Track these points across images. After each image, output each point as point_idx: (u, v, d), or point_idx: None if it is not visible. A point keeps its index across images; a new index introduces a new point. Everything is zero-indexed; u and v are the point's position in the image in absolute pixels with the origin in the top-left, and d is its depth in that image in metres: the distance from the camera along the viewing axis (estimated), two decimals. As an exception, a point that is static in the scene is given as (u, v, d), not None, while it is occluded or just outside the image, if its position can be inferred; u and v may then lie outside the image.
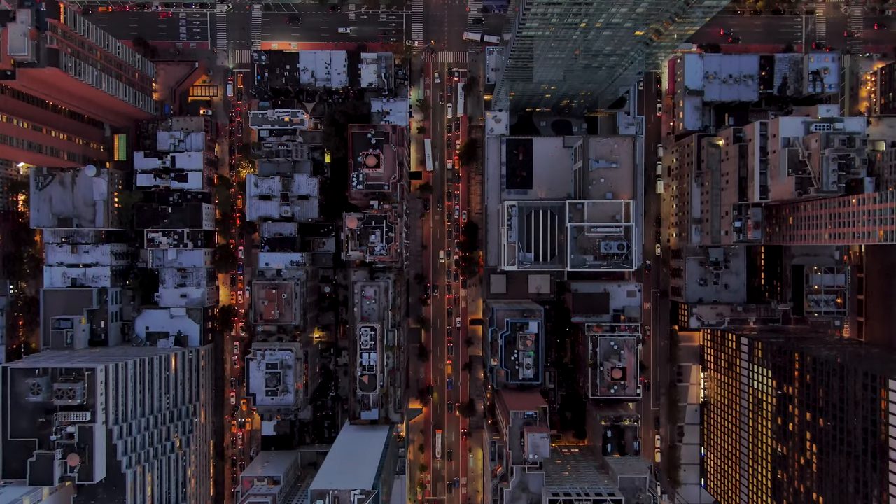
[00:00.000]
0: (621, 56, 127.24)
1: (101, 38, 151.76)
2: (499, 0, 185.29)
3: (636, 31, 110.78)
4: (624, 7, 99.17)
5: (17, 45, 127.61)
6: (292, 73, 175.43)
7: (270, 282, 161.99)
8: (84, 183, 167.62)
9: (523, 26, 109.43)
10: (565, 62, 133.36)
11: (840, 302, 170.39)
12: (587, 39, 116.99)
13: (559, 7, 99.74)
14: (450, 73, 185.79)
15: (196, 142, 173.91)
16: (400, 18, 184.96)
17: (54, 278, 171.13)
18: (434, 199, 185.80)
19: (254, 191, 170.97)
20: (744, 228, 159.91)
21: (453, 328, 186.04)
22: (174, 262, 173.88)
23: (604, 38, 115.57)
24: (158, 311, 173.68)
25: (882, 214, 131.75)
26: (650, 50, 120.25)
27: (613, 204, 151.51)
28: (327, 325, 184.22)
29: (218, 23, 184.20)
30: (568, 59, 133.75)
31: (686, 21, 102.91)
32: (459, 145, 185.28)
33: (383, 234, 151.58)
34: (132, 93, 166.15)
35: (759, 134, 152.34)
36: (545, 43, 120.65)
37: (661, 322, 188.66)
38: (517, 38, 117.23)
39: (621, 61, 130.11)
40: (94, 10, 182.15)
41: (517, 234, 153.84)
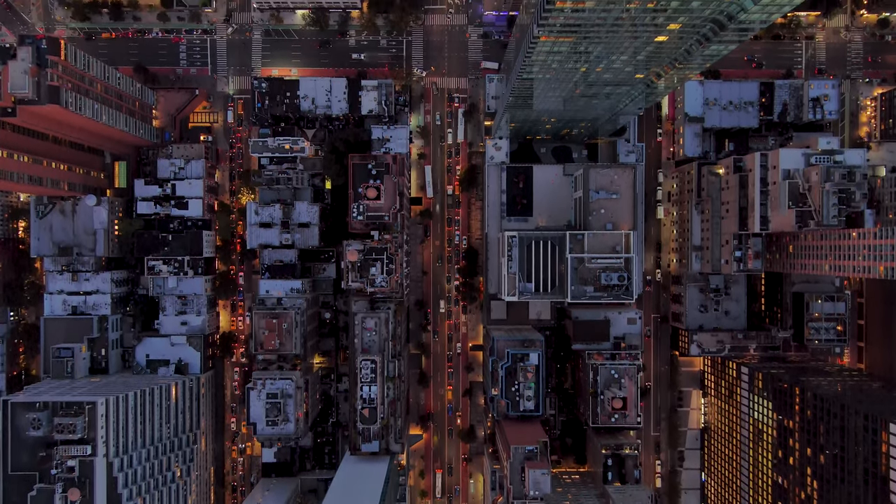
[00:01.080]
0: (621, 94, 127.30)
1: (102, 71, 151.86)
2: (499, 26, 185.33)
3: (636, 75, 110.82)
4: (624, 55, 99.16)
5: (18, 82, 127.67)
6: (292, 101, 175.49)
7: (271, 311, 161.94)
8: (84, 211, 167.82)
9: (524, 70, 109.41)
10: (566, 95, 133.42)
11: (840, 329, 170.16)
12: (587, 81, 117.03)
13: (559, 55, 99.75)
14: (450, 99, 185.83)
15: (196, 169, 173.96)
16: (400, 45, 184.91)
17: (55, 306, 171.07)
18: (434, 225, 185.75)
19: (254, 218, 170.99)
20: (744, 258, 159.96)
21: (454, 354, 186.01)
22: (174, 289, 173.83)
23: (604, 80, 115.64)
24: (159, 338, 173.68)
25: (883, 250, 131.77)
26: (650, 90, 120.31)
27: (614, 235, 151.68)
28: (328, 351, 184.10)
29: (218, 49, 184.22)
30: (568, 94, 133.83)
31: (687, 66, 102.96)
32: (460, 171, 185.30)
33: (384, 266, 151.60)
34: (132, 122, 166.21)
35: (760, 165, 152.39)
36: (546, 84, 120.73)
37: (662, 347, 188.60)
38: (518, 79, 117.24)
39: (621, 99, 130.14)
40: (98, 37, 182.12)
41: (517, 265, 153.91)
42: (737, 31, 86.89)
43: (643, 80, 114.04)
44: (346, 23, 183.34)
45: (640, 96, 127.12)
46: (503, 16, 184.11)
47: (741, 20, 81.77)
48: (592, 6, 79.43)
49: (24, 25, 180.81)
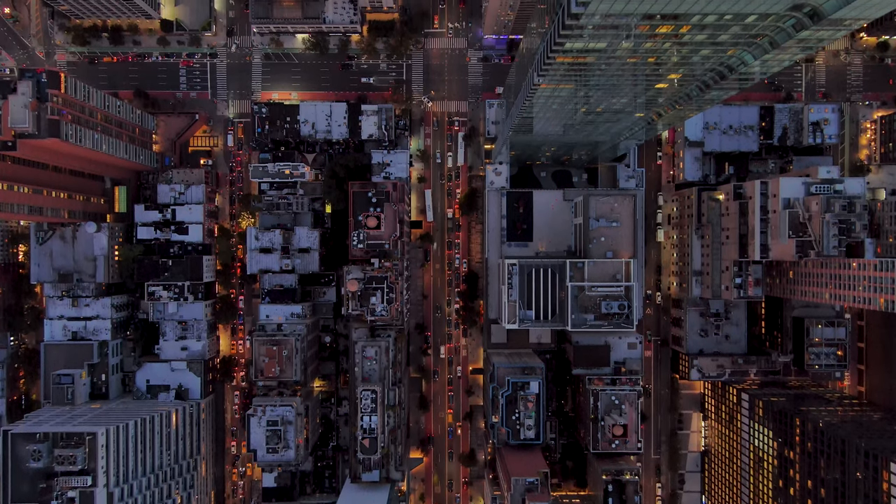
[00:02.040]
0: (621, 129, 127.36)
1: (102, 100, 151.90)
2: (499, 49, 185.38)
3: (637, 114, 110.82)
4: (624, 98, 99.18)
5: (18, 117, 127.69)
6: (293, 126, 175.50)
7: (271, 337, 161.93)
8: (84, 237, 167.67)
9: (524, 110, 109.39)
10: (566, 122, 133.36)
11: (840, 354, 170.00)
12: (587, 118, 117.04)
13: (560, 98, 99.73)
14: (450, 123, 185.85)
15: (196, 194, 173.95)
16: (400, 68, 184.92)
17: (55, 331, 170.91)
18: (434, 249, 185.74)
19: (254, 244, 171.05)
20: (744, 285, 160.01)
21: (454, 377, 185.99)
22: (175, 315, 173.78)
23: (605, 117, 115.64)
24: (159, 364, 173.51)
25: (883, 283, 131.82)
26: (650, 126, 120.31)
27: (614, 263, 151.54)
28: (328, 375, 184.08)
29: (218, 72, 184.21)
30: (569, 122, 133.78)
31: (687, 108, 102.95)
32: (460, 195, 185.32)
33: (384, 296, 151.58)
34: (132, 149, 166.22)
35: (760, 193, 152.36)
36: (546, 118, 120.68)
37: (662, 369, 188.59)
38: (518, 118, 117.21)
39: (621, 132, 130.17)
40: (99, 60, 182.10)
41: (518, 293, 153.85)
42: (737, 81, 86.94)
43: (644, 119, 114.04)
44: (346, 47, 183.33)
45: (640, 130, 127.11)
46: (503, 39, 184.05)
47: (742, 72, 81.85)
48: (593, 60, 79.46)
49: (25, 50, 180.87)
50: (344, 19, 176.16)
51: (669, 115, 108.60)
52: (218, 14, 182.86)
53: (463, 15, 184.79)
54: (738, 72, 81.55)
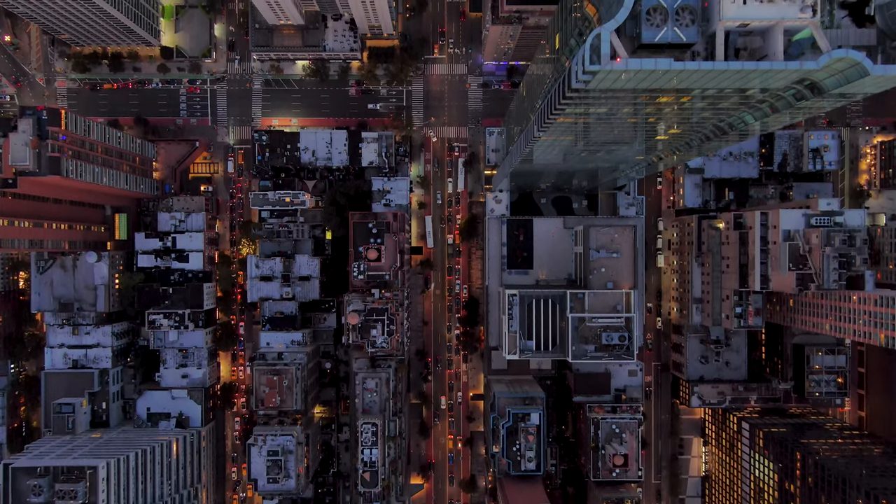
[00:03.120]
0: (621, 162, 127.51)
1: (102, 133, 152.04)
2: (499, 75, 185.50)
3: (637, 156, 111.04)
4: (625, 145, 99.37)
5: (19, 155, 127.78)
6: (293, 153, 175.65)
7: (271, 367, 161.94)
8: (85, 266, 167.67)
9: (525, 155, 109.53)
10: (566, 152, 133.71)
11: (841, 381, 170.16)
12: (587, 160, 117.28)
13: (560, 145, 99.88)
14: (450, 149, 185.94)
15: (197, 222, 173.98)
16: (400, 94, 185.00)
17: (55, 360, 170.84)
18: (435, 274, 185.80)
19: (255, 272, 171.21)
20: (744, 314, 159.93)
21: (454, 403, 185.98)
22: (175, 342, 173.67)
23: (605, 159, 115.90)
24: (160, 391, 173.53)
25: (884, 318, 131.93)
26: (650, 166, 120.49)
27: (615, 294, 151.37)
28: (328, 401, 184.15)
29: (218, 99, 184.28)
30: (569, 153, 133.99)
31: (687, 154, 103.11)
32: (460, 221, 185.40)
33: (384, 328, 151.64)
34: (133, 178, 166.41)
35: (760, 224, 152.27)
36: (546, 153, 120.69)
37: (663, 394, 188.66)
38: (519, 159, 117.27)
39: (622, 171, 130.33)
40: (100, 87, 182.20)
41: (518, 324, 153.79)
42: (738, 135, 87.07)
43: (645, 160, 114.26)
44: (346, 73, 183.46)
45: (641, 167, 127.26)
46: (503, 65, 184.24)
47: (742, 128, 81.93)
48: (594, 120, 79.60)
49: (25, 76, 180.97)
50: (344, 47, 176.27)
51: (670, 158, 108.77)
52: (218, 41, 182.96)
53: (463, 41, 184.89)
54: (739, 128, 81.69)
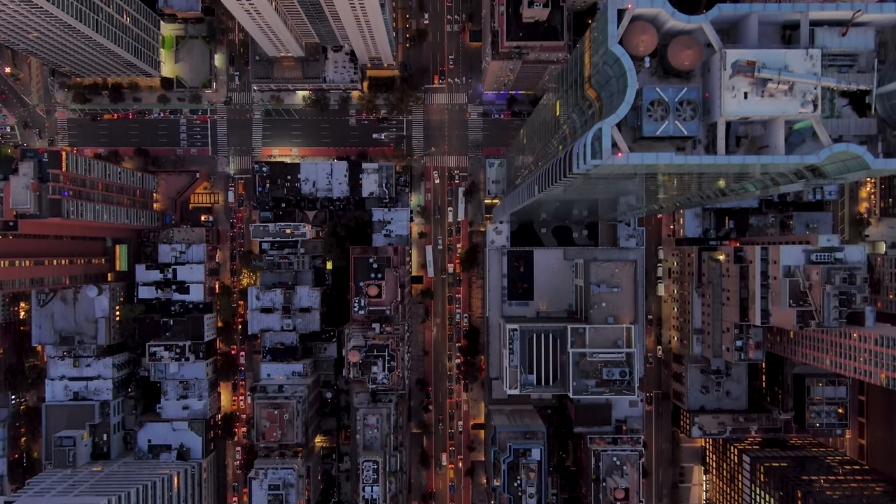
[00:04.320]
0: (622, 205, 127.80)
1: (103, 170, 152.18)
2: (499, 105, 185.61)
3: (637, 204, 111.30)
4: (626, 197, 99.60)
5: (20, 198, 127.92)
6: (293, 184, 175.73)
7: (272, 400, 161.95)
8: (86, 299, 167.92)
9: (526, 204, 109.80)
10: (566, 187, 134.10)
11: (841, 412, 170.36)
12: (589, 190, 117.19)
13: (561, 195, 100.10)
14: (450, 178, 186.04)
15: (197, 253, 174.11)
16: (400, 124, 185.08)
17: (56, 392, 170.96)
18: (435, 303, 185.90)
19: (255, 303, 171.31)
20: (745, 348, 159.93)
21: (455, 432, 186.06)
22: (176, 374, 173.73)
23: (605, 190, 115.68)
24: (161, 423, 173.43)
25: (884, 358, 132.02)
26: (651, 209, 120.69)
27: (615, 329, 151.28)
28: (329, 430, 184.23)
29: (218, 129, 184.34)
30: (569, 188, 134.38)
31: (687, 206, 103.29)
32: (461, 250, 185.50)
33: (385, 364, 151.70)
34: (133, 212, 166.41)
35: (760, 258, 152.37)
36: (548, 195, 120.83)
37: (663, 423, 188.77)
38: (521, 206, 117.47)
39: (622, 210, 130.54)
40: (100, 118, 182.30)
41: (519, 358, 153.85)
42: (737, 196, 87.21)
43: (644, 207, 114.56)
44: (347, 103, 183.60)
45: (641, 210, 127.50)
46: (503, 95, 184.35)
47: (742, 192, 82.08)
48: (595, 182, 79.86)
49: (25, 107, 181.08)
50: (344, 78, 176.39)
51: (671, 205, 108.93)
52: (218, 71, 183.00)
53: (462, 71, 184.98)
54: (739, 192, 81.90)
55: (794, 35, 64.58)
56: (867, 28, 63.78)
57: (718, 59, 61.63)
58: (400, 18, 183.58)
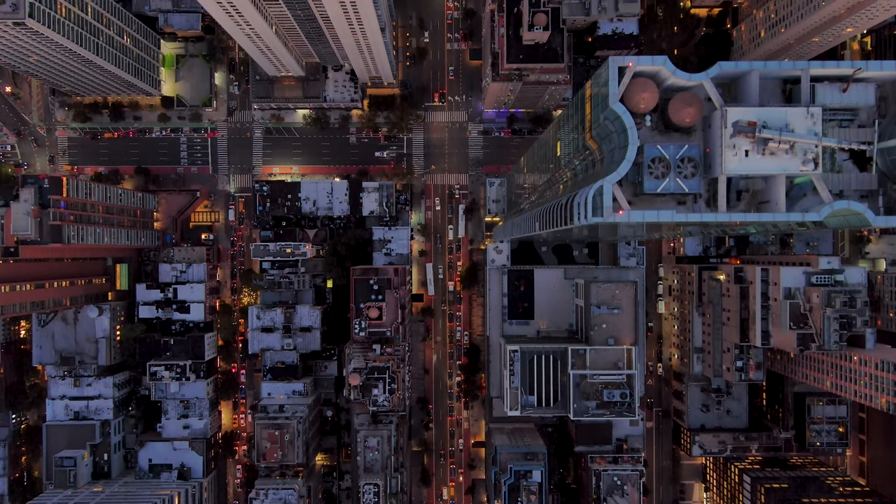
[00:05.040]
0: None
1: (103, 193, 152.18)
2: (499, 122, 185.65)
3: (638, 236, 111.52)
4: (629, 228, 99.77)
5: (21, 224, 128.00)
6: (294, 203, 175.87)
7: (272, 421, 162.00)
8: (86, 320, 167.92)
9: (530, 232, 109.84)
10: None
11: (842, 431, 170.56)
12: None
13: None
14: (451, 195, 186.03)
15: (198, 273, 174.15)
16: (401, 141, 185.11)
17: (57, 411, 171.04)
18: (436, 321, 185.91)
19: (256, 323, 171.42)
20: (745, 368, 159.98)
21: (455, 450, 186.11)
22: (177, 394, 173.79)
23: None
24: (161, 443, 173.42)
25: (885, 384, 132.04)
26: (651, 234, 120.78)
27: (616, 351, 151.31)
28: (329, 449, 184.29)
29: (219, 147, 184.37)
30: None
31: (688, 236, 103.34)
32: (461, 267, 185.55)
33: (386, 386, 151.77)
34: (134, 233, 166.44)
35: (761, 279, 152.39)
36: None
37: (664, 440, 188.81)
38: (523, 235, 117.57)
39: (622, 235, 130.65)
40: (100, 136, 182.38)
41: (519, 380, 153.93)
42: (737, 233, 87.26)
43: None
44: (347, 121, 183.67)
45: (642, 235, 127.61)
46: (503, 113, 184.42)
47: (742, 232, 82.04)
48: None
49: (26, 126, 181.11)
50: (345, 97, 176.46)
51: (672, 232, 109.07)
52: (219, 90, 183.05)
53: (463, 89, 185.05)
54: (739, 232, 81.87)
55: (795, 89, 64.75)
56: (867, 84, 63.87)
57: (719, 116, 61.64)
58: (400, 37, 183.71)
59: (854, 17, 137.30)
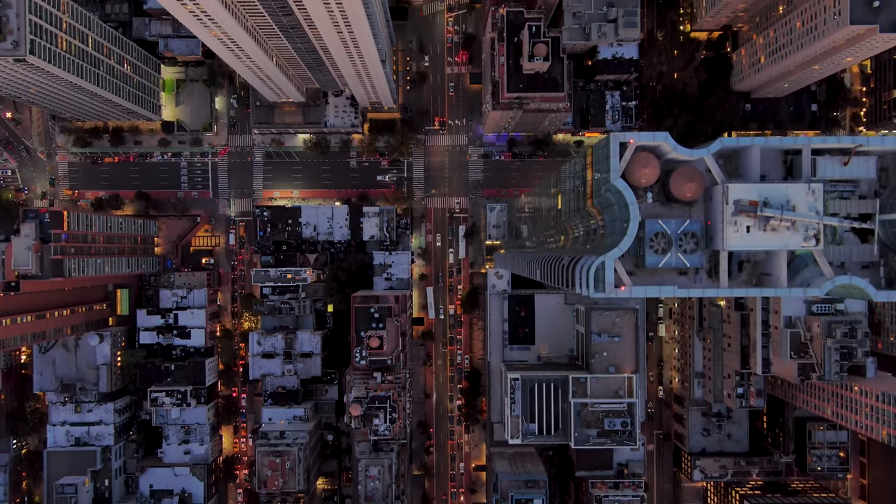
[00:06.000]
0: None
1: (104, 224, 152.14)
2: (499, 146, 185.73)
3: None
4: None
5: (22, 259, 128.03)
6: (294, 228, 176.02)
7: (274, 448, 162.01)
8: (87, 346, 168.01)
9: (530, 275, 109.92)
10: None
11: (843, 455, 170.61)
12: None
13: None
14: (451, 219, 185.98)
15: (198, 298, 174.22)
16: (401, 165, 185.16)
17: (58, 437, 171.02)
18: (436, 345, 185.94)
19: (256, 349, 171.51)
20: (746, 395, 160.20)
21: (457, 473, 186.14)
22: (178, 419, 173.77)
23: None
24: (162, 468, 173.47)
25: (886, 416, 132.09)
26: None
27: (616, 379, 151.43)
28: (330, 472, 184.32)
29: (219, 171, 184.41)
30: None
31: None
32: (461, 290, 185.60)
33: (387, 416, 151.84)
34: (134, 260, 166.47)
35: (761, 307, 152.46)
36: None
37: (664, 463, 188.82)
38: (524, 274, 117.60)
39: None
40: (101, 161, 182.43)
41: (520, 408, 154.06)
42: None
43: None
44: (348, 146, 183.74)
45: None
46: (503, 137, 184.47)
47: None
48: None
49: (27, 151, 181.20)
50: (345, 122, 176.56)
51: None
52: (219, 114, 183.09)
53: (463, 112, 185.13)
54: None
55: (797, 160, 64.84)
56: (868, 157, 63.91)
57: (721, 192, 61.78)
58: (400, 61, 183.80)
59: (854, 48, 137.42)
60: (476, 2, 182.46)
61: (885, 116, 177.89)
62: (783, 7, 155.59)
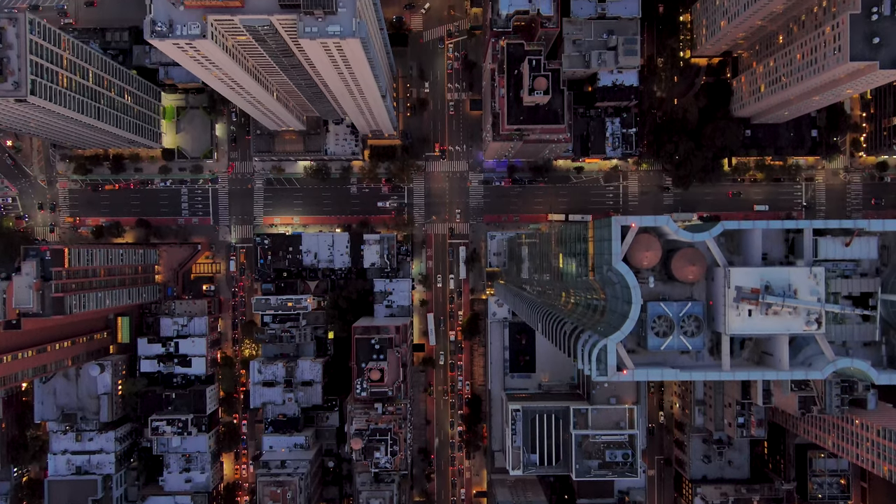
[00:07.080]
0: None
1: (105, 257, 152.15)
2: (499, 172, 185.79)
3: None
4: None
5: (22, 297, 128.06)
6: (295, 255, 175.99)
7: (275, 477, 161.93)
8: (87, 376, 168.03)
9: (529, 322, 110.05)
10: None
11: (844, 483, 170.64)
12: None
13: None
14: (452, 245, 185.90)
15: (199, 326, 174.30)
16: (402, 191, 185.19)
17: (59, 466, 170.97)
18: (437, 371, 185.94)
19: (257, 377, 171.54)
20: (747, 424, 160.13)
21: (458, 500, 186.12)
22: (178, 448, 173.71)
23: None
24: (163, 497, 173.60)
25: (887, 452, 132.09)
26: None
27: (617, 410, 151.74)
28: (331, 499, 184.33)
29: (220, 198, 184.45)
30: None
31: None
32: (462, 317, 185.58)
33: (388, 448, 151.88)
34: (135, 290, 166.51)
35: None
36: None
37: (665, 488, 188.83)
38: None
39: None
40: (101, 188, 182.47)
41: (521, 439, 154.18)
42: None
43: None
44: (348, 172, 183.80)
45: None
46: (503, 163, 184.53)
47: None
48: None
49: (27, 178, 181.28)
50: (346, 150, 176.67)
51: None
52: (220, 141, 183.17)
53: (463, 138, 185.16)
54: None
55: (798, 238, 64.95)
56: (870, 237, 64.04)
57: (722, 276, 61.92)
58: (401, 87, 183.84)
59: (854, 81, 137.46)
60: (476, 29, 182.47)
61: (885, 143, 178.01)
62: (783, 37, 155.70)
